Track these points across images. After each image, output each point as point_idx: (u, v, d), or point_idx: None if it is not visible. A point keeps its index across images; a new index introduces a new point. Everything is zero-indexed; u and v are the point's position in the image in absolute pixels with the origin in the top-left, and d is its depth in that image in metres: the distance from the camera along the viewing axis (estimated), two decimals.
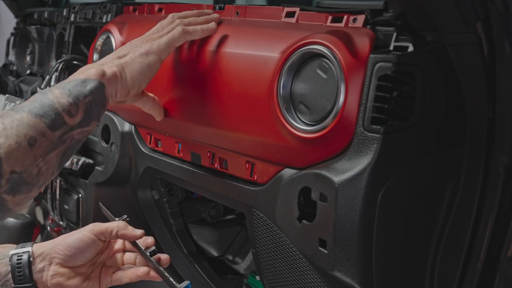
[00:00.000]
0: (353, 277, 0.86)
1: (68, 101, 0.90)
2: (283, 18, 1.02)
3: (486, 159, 0.88)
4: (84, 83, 0.93)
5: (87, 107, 0.92)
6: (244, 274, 1.41)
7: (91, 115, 0.93)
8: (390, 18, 0.85)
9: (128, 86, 1.00)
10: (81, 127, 0.92)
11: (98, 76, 0.94)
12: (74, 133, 0.91)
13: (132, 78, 0.99)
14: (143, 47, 1.01)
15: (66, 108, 0.89)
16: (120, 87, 0.98)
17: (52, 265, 1.07)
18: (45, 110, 0.88)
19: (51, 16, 1.92)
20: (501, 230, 0.89)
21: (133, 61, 1.00)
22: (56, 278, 1.06)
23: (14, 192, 0.84)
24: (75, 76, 0.94)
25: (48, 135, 0.87)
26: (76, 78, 0.93)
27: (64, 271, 1.07)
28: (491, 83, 0.87)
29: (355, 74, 0.84)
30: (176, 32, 1.04)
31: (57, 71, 1.56)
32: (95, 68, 0.96)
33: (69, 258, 1.07)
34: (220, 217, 1.42)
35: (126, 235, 1.07)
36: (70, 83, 0.92)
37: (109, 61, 0.99)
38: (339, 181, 0.85)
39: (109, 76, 0.96)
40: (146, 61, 1.00)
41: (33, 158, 0.86)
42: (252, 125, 0.99)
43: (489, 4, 0.83)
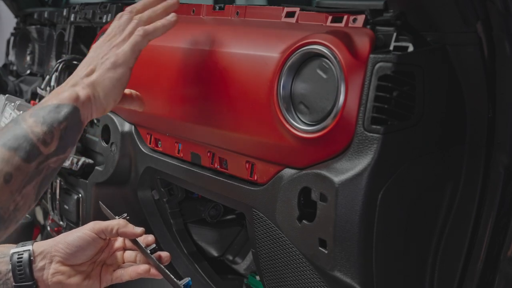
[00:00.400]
0: (353, 277, 0.86)
1: (42, 130, 0.88)
2: (283, 18, 1.02)
3: (486, 159, 0.88)
4: (58, 108, 0.90)
5: (62, 134, 0.90)
6: (244, 274, 1.41)
7: (67, 142, 0.91)
8: (390, 18, 0.85)
9: (103, 104, 0.97)
10: (57, 155, 0.90)
11: (71, 100, 0.92)
12: (50, 162, 0.89)
13: (106, 96, 0.97)
14: (109, 60, 0.97)
15: (41, 138, 0.87)
16: (95, 108, 0.96)
17: (52, 263, 1.07)
18: (19, 142, 0.86)
19: (51, 16, 1.92)
20: (501, 230, 0.89)
21: (103, 78, 0.96)
22: (57, 276, 1.07)
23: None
24: (48, 101, 0.92)
25: (24, 168, 0.85)
26: (49, 104, 0.91)
27: (65, 269, 1.07)
28: (491, 83, 0.87)
29: (355, 74, 0.84)
30: (138, 37, 0.99)
31: (57, 71, 1.56)
32: (68, 91, 0.93)
33: (70, 256, 1.07)
34: (220, 217, 1.42)
35: (126, 233, 1.07)
36: (43, 110, 0.90)
37: (79, 81, 0.96)
38: (339, 181, 0.85)
39: (82, 99, 0.93)
40: (116, 75, 0.97)
41: (10, 194, 0.84)
42: (252, 125, 0.99)
43: (489, 4, 0.83)
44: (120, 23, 1.02)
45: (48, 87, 1.55)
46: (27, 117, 0.89)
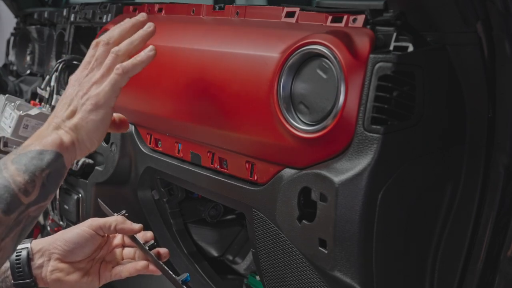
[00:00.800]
0: (353, 277, 0.86)
1: (24, 179, 0.84)
2: (283, 18, 1.02)
3: (486, 159, 0.88)
4: (41, 155, 0.87)
5: (44, 181, 0.86)
6: (244, 274, 1.40)
7: (49, 189, 0.88)
8: (390, 18, 0.85)
9: (88, 146, 0.94)
10: (38, 203, 0.87)
11: (55, 146, 0.89)
12: (30, 211, 0.86)
13: (90, 139, 0.94)
14: (90, 102, 0.93)
15: (22, 188, 0.84)
16: (79, 151, 0.93)
17: (51, 260, 1.07)
18: (0, 193, 0.82)
19: (51, 16, 1.92)
20: (501, 230, 0.89)
21: (86, 122, 0.93)
22: (55, 273, 1.07)
23: None
24: (31, 145, 0.89)
25: (3, 220, 0.82)
26: (32, 149, 0.87)
27: (63, 266, 1.08)
28: (491, 83, 0.87)
29: (355, 74, 0.84)
30: (117, 76, 0.95)
31: (57, 71, 1.56)
32: (51, 136, 0.90)
33: (68, 253, 1.07)
34: (220, 217, 1.42)
35: (124, 229, 1.07)
36: (25, 156, 0.86)
37: (61, 123, 0.93)
38: (339, 181, 0.85)
39: (66, 144, 0.90)
40: (98, 117, 0.93)
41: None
42: (252, 125, 0.99)
43: (489, 4, 0.83)
44: (97, 55, 0.98)
45: (48, 87, 1.55)
46: (9, 164, 0.85)
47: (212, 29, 1.15)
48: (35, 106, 1.54)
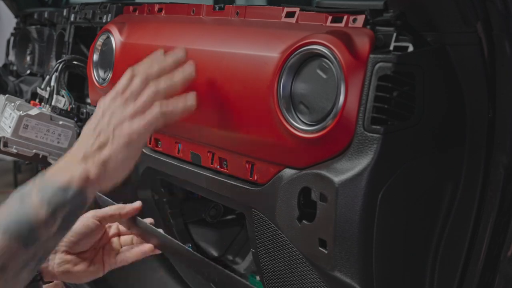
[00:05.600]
0: (353, 277, 0.86)
1: (46, 215, 0.83)
2: (283, 18, 1.02)
3: (486, 159, 0.88)
4: (65, 191, 0.85)
5: (64, 217, 0.85)
6: (244, 274, 1.41)
7: (68, 224, 0.88)
8: (390, 18, 0.85)
9: (111, 182, 0.93)
10: (55, 238, 0.87)
11: (81, 181, 0.87)
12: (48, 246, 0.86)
13: (116, 174, 0.92)
14: (123, 137, 0.91)
15: (43, 222, 0.83)
16: (103, 185, 0.91)
17: (57, 253, 1.09)
18: (22, 226, 0.82)
19: (51, 16, 1.92)
20: (501, 230, 0.89)
21: (116, 157, 0.90)
22: (64, 265, 1.09)
23: None
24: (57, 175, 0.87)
25: (22, 254, 0.82)
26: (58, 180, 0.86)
27: (70, 258, 1.10)
28: (491, 83, 0.87)
29: (355, 74, 0.84)
30: (155, 119, 0.92)
31: (57, 71, 1.55)
32: (79, 170, 0.87)
33: (74, 245, 1.09)
34: (220, 217, 1.42)
35: (128, 211, 1.10)
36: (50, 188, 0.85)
37: (90, 154, 0.90)
38: (339, 181, 0.85)
39: (92, 179, 0.88)
40: (129, 154, 0.92)
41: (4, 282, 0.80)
42: (252, 125, 0.99)
43: (489, 4, 0.83)
44: (133, 88, 0.94)
45: (48, 87, 1.55)
46: (33, 196, 0.84)
47: (212, 29, 1.15)
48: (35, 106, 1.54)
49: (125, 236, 1.16)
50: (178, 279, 1.45)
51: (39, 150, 1.44)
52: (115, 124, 0.92)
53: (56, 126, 1.46)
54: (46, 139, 1.45)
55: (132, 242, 1.15)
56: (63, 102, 1.52)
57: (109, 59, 1.36)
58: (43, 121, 1.45)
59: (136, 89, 0.94)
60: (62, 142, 1.47)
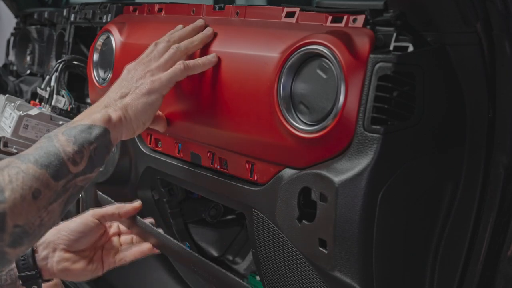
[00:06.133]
0: (353, 277, 0.86)
1: (73, 149, 0.88)
2: (283, 18, 1.02)
3: (486, 159, 0.88)
4: (89, 129, 0.91)
5: (91, 154, 0.91)
6: (244, 274, 1.40)
7: (96, 162, 0.92)
8: (390, 18, 0.85)
9: (134, 127, 0.99)
10: (85, 174, 0.91)
11: (103, 122, 0.93)
12: (77, 181, 0.90)
13: (137, 119, 0.99)
14: (144, 86, 0.99)
15: (71, 157, 0.88)
16: (125, 130, 0.98)
17: (56, 251, 1.10)
18: (51, 159, 0.86)
19: (51, 16, 1.92)
20: (501, 230, 0.89)
21: (136, 102, 0.98)
22: (63, 263, 1.10)
23: (16, 245, 0.83)
24: (81, 120, 0.93)
25: (52, 185, 0.86)
26: (81, 124, 0.92)
27: (69, 256, 1.10)
28: (491, 83, 0.87)
29: (355, 74, 0.84)
30: (178, 70, 1.01)
31: (57, 71, 1.56)
32: (101, 113, 0.94)
33: (73, 243, 1.10)
34: (220, 217, 1.42)
35: (128, 211, 1.10)
36: (75, 129, 0.91)
37: (112, 102, 0.98)
38: (339, 181, 0.85)
39: (114, 121, 0.95)
40: (149, 100, 0.99)
41: (37, 210, 0.84)
42: (252, 125, 0.99)
43: (489, 4, 0.83)
44: (157, 49, 1.04)
45: (48, 87, 1.55)
46: (60, 135, 0.90)
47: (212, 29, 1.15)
48: (35, 106, 1.54)
49: (125, 235, 1.17)
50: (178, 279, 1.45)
51: None
52: (138, 77, 1.01)
53: (56, 126, 1.46)
54: None
55: (132, 242, 1.15)
56: (63, 102, 1.52)
57: (109, 59, 1.36)
58: (43, 121, 1.45)
59: (159, 51, 1.04)
60: None
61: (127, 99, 0.98)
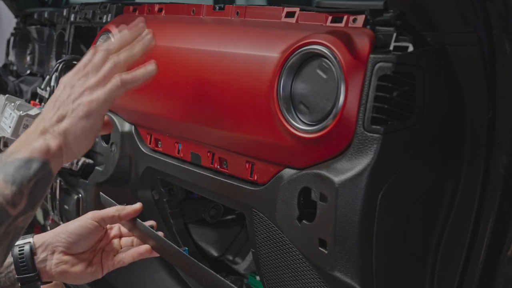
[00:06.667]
0: (353, 277, 0.86)
1: (12, 191, 0.83)
2: (283, 18, 1.02)
3: (486, 159, 0.88)
4: (27, 164, 0.85)
5: (31, 190, 0.85)
6: (244, 274, 1.40)
7: (36, 198, 0.87)
8: (390, 18, 0.85)
9: (74, 153, 0.92)
10: (25, 213, 0.86)
11: (42, 153, 0.87)
12: (18, 222, 0.85)
13: (77, 145, 0.91)
14: (82, 108, 0.91)
15: (10, 200, 0.83)
16: (65, 157, 0.91)
17: (55, 254, 1.09)
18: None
19: (51, 16, 1.91)
20: (501, 230, 0.89)
21: (75, 128, 0.90)
22: (61, 266, 1.09)
23: None
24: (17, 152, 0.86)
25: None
26: (19, 158, 0.85)
27: (68, 258, 1.10)
28: (491, 83, 0.87)
29: (355, 74, 0.84)
30: (115, 87, 0.92)
31: (57, 71, 1.56)
32: (38, 142, 0.87)
33: (72, 245, 1.09)
34: (220, 217, 1.42)
35: (128, 213, 1.09)
36: (12, 165, 0.85)
37: (49, 127, 0.90)
38: (339, 181, 0.85)
39: (53, 151, 0.88)
40: (88, 124, 0.91)
41: None
42: (252, 125, 0.99)
43: (489, 4, 0.83)
44: (95, 61, 0.95)
45: (48, 87, 1.55)
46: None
47: (212, 29, 1.15)
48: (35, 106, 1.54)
49: (126, 238, 1.16)
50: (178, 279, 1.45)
51: None
52: (75, 96, 0.92)
53: None
54: None
55: (132, 244, 1.15)
56: None
57: None
58: None
59: (97, 63, 0.94)
60: None
61: (65, 124, 0.90)
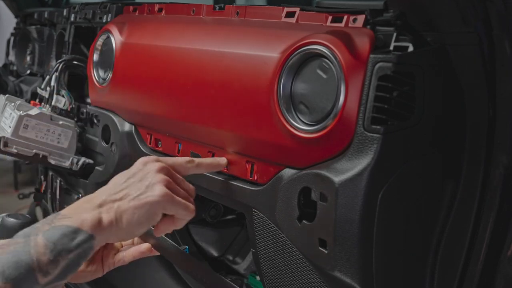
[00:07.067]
0: (353, 277, 0.86)
1: (48, 259, 0.79)
2: (283, 18, 1.02)
3: (486, 159, 0.88)
4: (73, 235, 0.82)
5: (68, 263, 0.81)
6: (244, 274, 1.40)
7: (69, 272, 0.82)
8: (390, 18, 0.85)
9: (122, 236, 0.90)
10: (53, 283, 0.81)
11: (92, 228, 0.84)
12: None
13: (128, 229, 0.88)
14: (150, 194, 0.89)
15: (43, 268, 0.79)
16: (112, 236, 0.88)
17: None
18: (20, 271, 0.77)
19: (51, 16, 1.92)
20: (501, 230, 0.89)
21: (133, 211, 0.88)
22: None
23: None
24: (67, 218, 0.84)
25: None
26: (67, 225, 0.83)
27: None
28: (491, 83, 0.87)
29: (355, 74, 0.84)
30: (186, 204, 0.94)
31: (57, 71, 1.56)
32: (91, 214, 0.85)
33: None
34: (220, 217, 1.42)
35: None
36: (58, 231, 0.82)
37: (108, 202, 0.88)
38: (339, 181, 0.85)
39: (104, 225, 0.85)
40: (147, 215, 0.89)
41: None
42: (252, 125, 0.99)
43: (489, 4, 0.83)
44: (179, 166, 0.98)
45: (48, 87, 1.55)
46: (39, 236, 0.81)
47: (212, 29, 1.15)
48: (35, 106, 1.54)
49: None
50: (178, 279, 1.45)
51: (39, 150, 1.44)
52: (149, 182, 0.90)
53: (56, 126, 1.46)
54: (46, 139, 1.45)
55: (133, 243, 1.15)
56: (63, 102, 1.52)
57: (109, 59, 1.36)
58: (43, 121, 1.45)
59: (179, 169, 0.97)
60: (62, 142, 1.47)
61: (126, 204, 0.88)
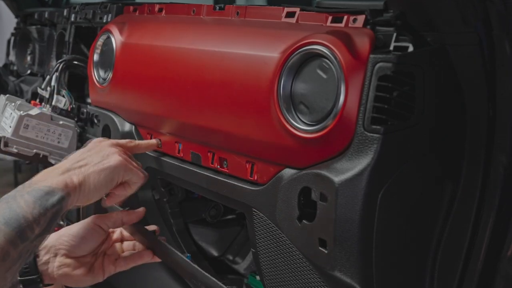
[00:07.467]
0: (353, 277, 0.86)
1: (39, 212, 0.89)
2: (283, 18, 1.02)
3: (486, 159, 0.88)
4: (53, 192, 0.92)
5: (51, 217, 0.91)
6: (244, 274, 1.40)
7: (52, 224, 0.92)
8: (390, 18, 0.85)
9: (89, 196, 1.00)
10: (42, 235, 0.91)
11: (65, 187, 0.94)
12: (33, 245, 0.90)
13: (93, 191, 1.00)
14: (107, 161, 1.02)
15: (36, 219, 0.89)
16: (81, 197, 0.98)
17: (57, 256, 1.09)
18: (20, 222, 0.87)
19: (51, 16, 1.92)
20: (501, 230, 0.89)
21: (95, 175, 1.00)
22: (63, 269, 1.09)
23: None
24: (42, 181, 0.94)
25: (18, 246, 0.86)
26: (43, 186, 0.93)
27: (70, 261, 1.10)
28: (491, 83, 0.87)
29: (355, 74, 0.84)
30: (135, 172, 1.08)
31: (58, 71, 1.56)
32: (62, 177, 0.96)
33: (74, 248, 1.09)
34: (220, 217, 1.42)
35: (131, 218, 1.11)
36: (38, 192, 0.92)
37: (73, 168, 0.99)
38: (339, 181, 0.85)
39: (75, 184, 0.96)
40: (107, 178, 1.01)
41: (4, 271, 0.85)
42: (252, 125, 0.99)
43: (489, 4, 0.83)
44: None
45: (48, 87, 1.55)
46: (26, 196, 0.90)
47: (212, 29, 1.15)
48: (36, 106, 1.54)
49: (128, 242, 1.16)
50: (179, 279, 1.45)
51: (39, 150, 1.44)
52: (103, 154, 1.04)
53: (56, 126, 1.47)
54: (46, 139, 1.45)
55: (134, 248, 1.15)
56: (64, 102, 1.52)
57: (109, 59, 1.36)
58: (44, 121, 1.45)
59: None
60: (63, 142, 1.47)
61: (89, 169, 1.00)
